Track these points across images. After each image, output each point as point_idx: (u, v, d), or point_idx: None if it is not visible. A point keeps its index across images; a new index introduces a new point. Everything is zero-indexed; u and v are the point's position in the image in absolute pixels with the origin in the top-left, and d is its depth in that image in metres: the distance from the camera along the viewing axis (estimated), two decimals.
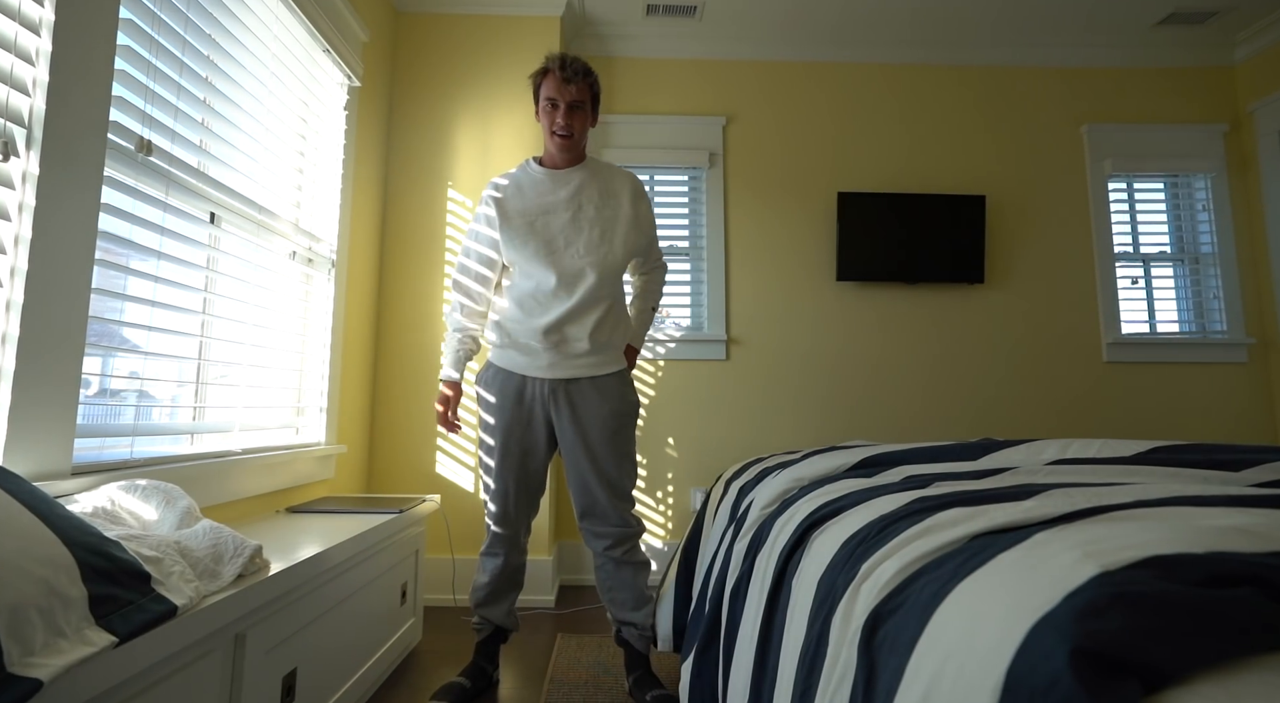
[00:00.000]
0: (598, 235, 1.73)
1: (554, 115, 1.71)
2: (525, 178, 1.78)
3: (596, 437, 1.73)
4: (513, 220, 1.73)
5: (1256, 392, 3.31)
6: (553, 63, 1.71)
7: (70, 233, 1.23)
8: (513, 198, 1.75)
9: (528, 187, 1.77)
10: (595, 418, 1.73)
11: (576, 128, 1.72)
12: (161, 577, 0.97)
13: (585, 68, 1.71)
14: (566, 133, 1.71)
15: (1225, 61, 3.45)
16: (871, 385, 3.30)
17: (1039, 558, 0.64)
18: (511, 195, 1.76)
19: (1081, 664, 0.48)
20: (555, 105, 1.71)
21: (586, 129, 1.75)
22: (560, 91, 1.69)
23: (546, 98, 1.71)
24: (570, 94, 1.69)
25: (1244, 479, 1.14)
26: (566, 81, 1.68)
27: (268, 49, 2.02)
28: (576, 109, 1.71)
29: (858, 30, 3.34)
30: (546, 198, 1.74)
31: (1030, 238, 3.39)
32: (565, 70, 1.68)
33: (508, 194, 1.76)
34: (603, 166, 1.82)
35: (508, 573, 1.85)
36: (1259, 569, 0.55)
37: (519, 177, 1.79)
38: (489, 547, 1.84)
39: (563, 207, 1.74)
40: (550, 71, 1.71)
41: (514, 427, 1.75)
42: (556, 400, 1.74)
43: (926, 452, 1.59)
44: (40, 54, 1.18)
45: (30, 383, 1.15)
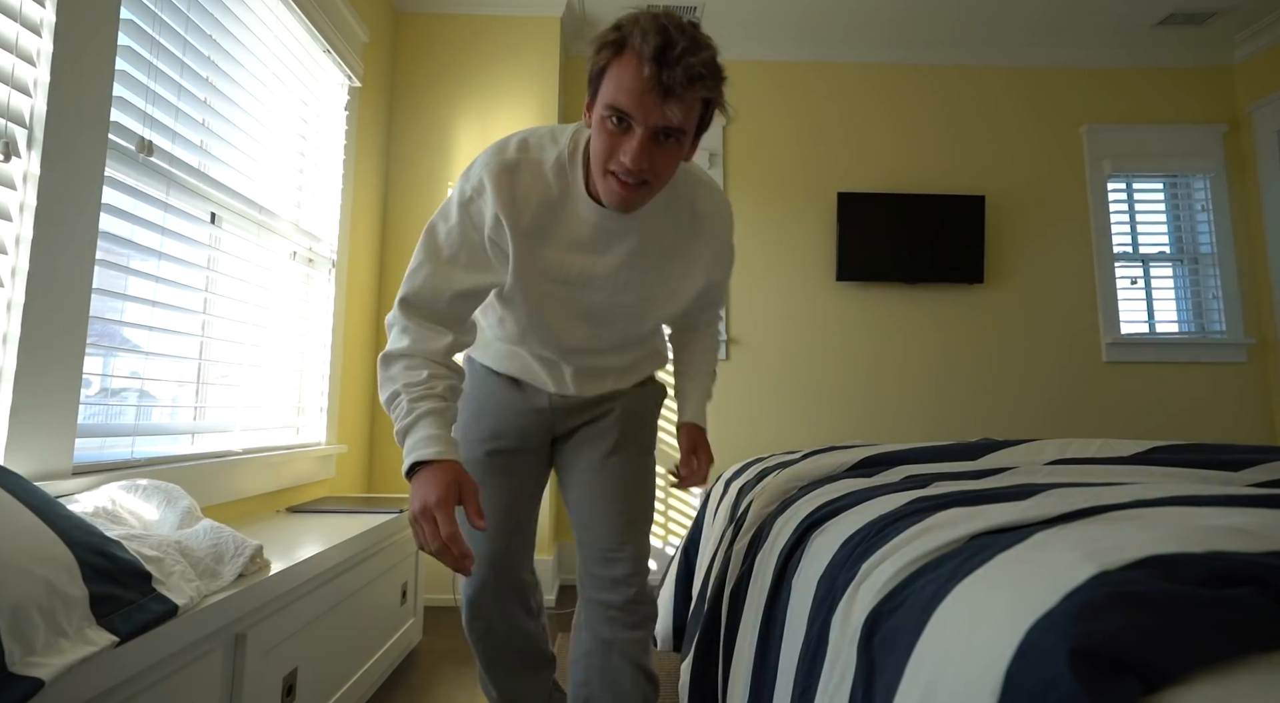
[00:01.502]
0: (638, 320, 1.18)
1: (621, 143, 0.92)
2: (562, 198, 1.05)
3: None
4: (524, 270, 1.08)
5: (1255, 392, 3.31)
6: (641, 39, 0.88)
7: (71, 233, 1.23)
8: (533, 227, 1.05)
9: (563, 218, 1.06)
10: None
11: (660, 170, 0.95)
12: (162, 576, 0.97)
13: (705, 66, 0.89)
14: (637, 179, 0.94)
15: (1224, 62, 3.46)
16: (871, 385, 3.30)
17: (1038, 558, 0.65)
18: (532, 220, 1.05)
19: (1080, 664, 0.48)
20: (626, 124, 0.91)
21: (675, 170, 0.99)
22: (646, 105, 0.89)
23: (611, 106, 0.91)
24: (663, 116, 0.90)
25: (1242, 479, 1.14)
26: (665, 90, 0.88)
27: (268, 49, 2.02)
28: (668, 140, 0.93)
29: (857, 31, 3.35)
30: (584, 255, 1.08)
31: (1030, 238, 3.39)
32: (667, 65, 0.87)
33: (526, 214, 1.04)
34: (684, 200, 1.11)
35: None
36: (1258, 569, 0.55)
37: (552, 188, 1.04)
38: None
39: (604, 280, 1.10)
40: (631, 54, 0.89)
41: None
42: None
43: (926, 452, 1.59)
44: (41, 55, 1.18)
45: (31, 383, 1.15)
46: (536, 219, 1.06)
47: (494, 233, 1.06)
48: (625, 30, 0.91)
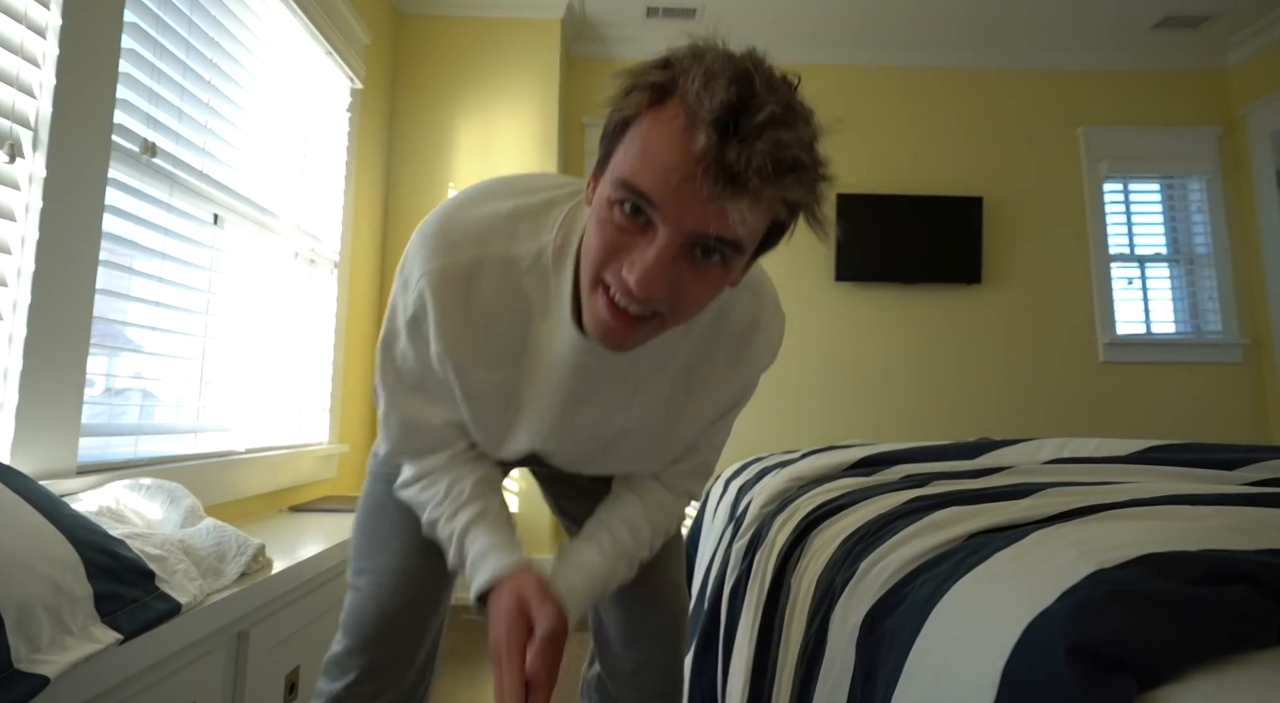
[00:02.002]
0: (625, 464, 0.89)
1: (630, 245, 0.59)
2: (537, 316, 0.73)
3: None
4: (477, 404, 0.78)
5: (1250, 391, 3.33)
6: (701, 87, 0.53)
7: (75, 234, 1.24)
8: (493, 355, 0.74)
9: (532, 347, 0.75)
10: None
11: (685, 301, 0.62)
12: (165, 575, 0.98)
13: (804, 149, 0.56)
14: (641, 309, 0.60)
15: (1219, 65, 3.47)
16: (870, 385, 3.31)
17: (1035, 557, 0.65)
18: (494, 350, 0.74)
19: (1077, 661, 0.48)
20: (645, 217, 0.57)
21: (710, 301, 0.65)
22: (684, 197, 0.54)
23: (627, 185, 0.56)
24: (712, 220, 0.55)
25: (1238, 478, 1.15)
26: (730, 176, 0.52)
27: (270, 51, 2.02)
28: (709, 258, 0.59)
29: (856, 33, 3.35)
30: (556, 402, 0.77)
31: (1027, 239, 3.40)
32: (739, 137, 0.52)
33: (481, 345, 0.73)
34: (736, 316, 0.78)
35: None
36: (1252, 567, 0.55)
37: (525, 300, 0.72)
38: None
39: (589, 431, 0.81)
40: (678, 108, 0.55)
41: None
42: None
43: (924, 451, 1.60)
44: (46, 58, 1.19)
45: (36, 383, 1.16)
46: (503, 346, 0.73)
47: (440, 368, 0.74)
48: (678, 68, 0.55)
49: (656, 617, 0.98)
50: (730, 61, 0.55)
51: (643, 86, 0.57)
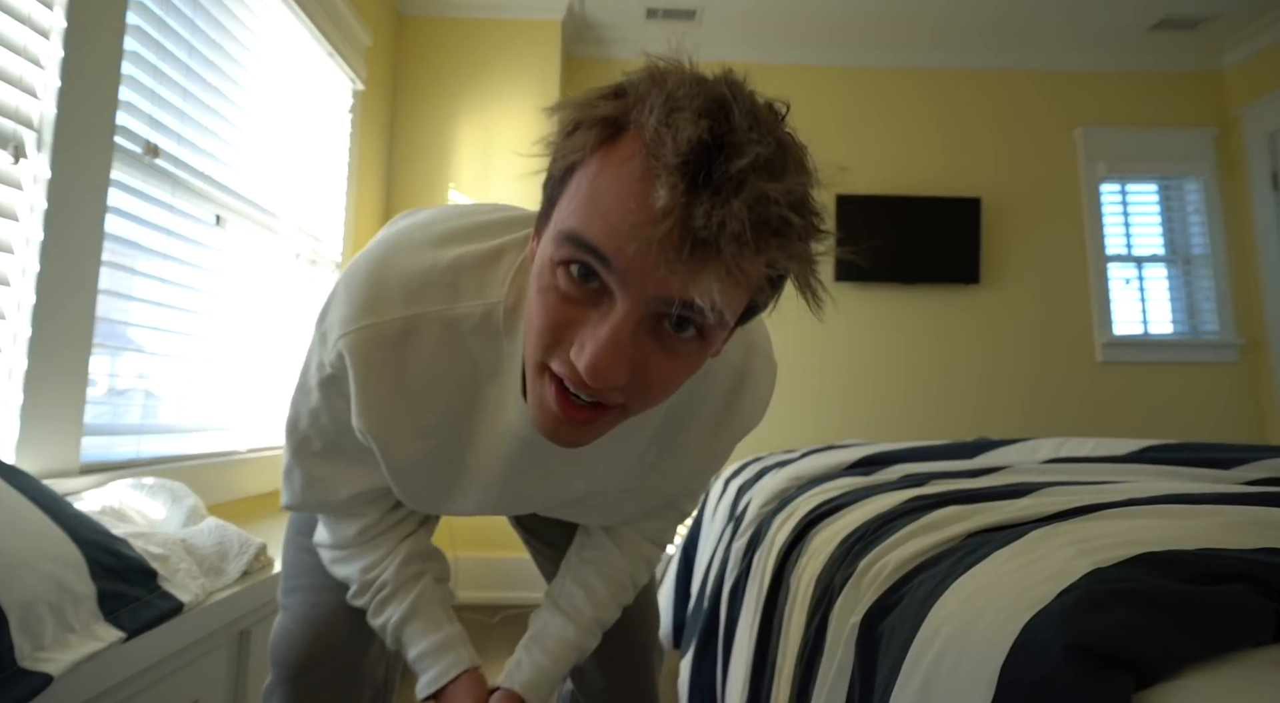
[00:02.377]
0: (591, 518, 0.81)
1: (580, 318, 0.47)
2: (484, 382, 0.63)
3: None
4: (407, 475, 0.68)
5: (1246, 391, 3.34)
6: (661, 118, 0.42)
7: (78, 234, 1.24)
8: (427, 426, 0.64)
9: (479, 419, 0.65)
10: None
11: (653, 384, 0.49)
12: (168, 574, 0.98)
13: (795, 205, 0.45)
14: (592, 398, 0.49)
15: (1215, 66, 3.48)
16: (869, 385, 3.31)
17: (1034, 555, 0.66)
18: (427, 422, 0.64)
19: (1075, 659, 0.49)
20: (597, 282, 0.46)
21: (680, 384, 0.52)
22: (646, 261, 0.43)
23: (574, 238, 0.45)
24: (681, 287, 0.43)
25: (1234, 477, 1.16)
26: (697, 241, 0.41)
27: (272, 53, 2.03)
28: (683, 332, 0.47)
29: (855, 34, 3.36)
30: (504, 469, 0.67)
31: (1025, 239, 3.41)
32: (711, 187, 0.41)
33: (412, 418, 0.63)
34: (726, 374, 0.69)
35: None
36: (1249, 566, 0.56)
37: (471, 366, 0.62)
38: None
39: (545, 497, 0.73)
40: (634, 144, 0.44)
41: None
42: None
43: (923, 451, 1.61)
44: (50, 60, 1.19)
45: (40, 382, 1.16)
46: (443, 413, 0.63)
47: (364, 438, 0.64)
48: (632, 96, 0.45)
49: (628, 633, 0.91)
50: (700, 87, 0.44)
51: (589, 122, 0.45)
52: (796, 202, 0.44)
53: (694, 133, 0.41)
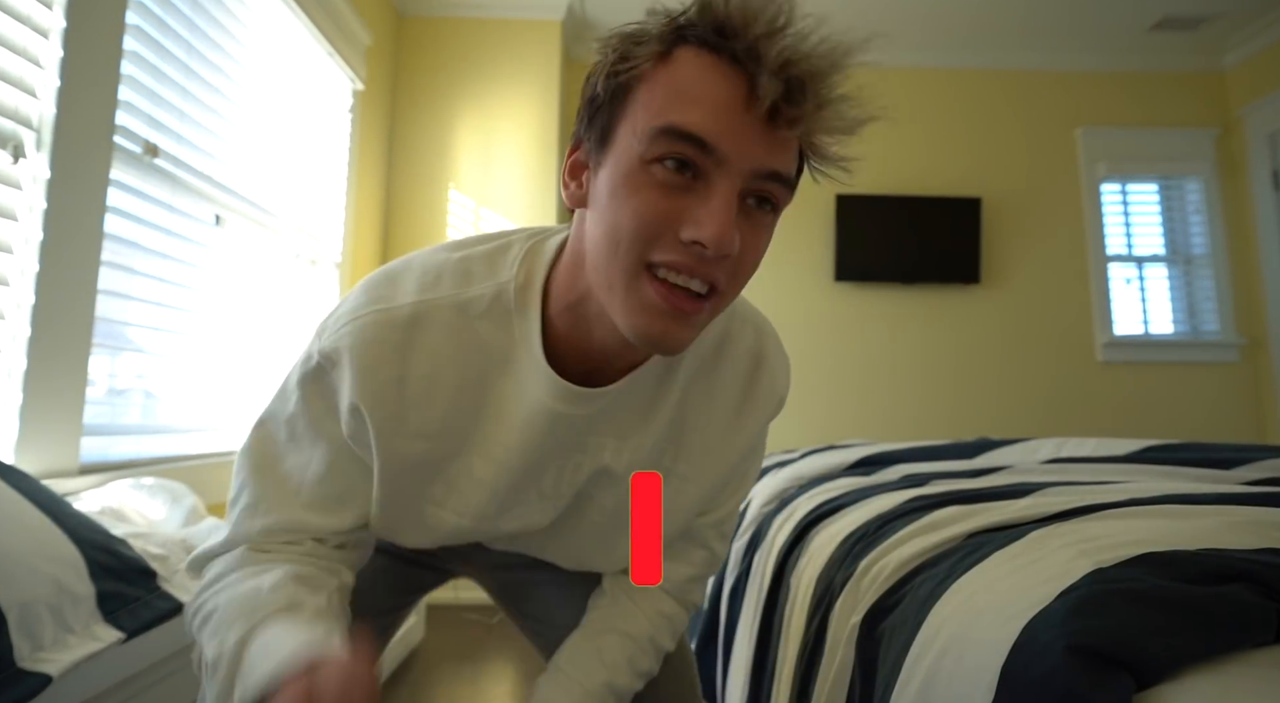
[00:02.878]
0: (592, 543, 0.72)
1: (686, 205, 0.49)
2: (498, 370, 0.61)
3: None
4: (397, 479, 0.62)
5: (1247, 391, 3.33)
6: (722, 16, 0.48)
7: (78, 234, 1.24)
8: (433, 429, 0.60)
9: (494, 409, 0.61)
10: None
11: (743, 268, 0.54)
12: (167, 574, 0.98)
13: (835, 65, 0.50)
14: (705, 282, 0.51)
15: (1216, 66, 3.48)
16: (869, 384, 3.31)
17: (1034, 555, 0.66)
18: (433, 419, 0.60)
19: (1076, 659, 0.49)
20: (692, 169, 0.49)
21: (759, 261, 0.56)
22: (743, 129, 0.48)
23: (673, 130, 0.48)
24: (770, 154, 0.50)
25: (1235, 478, 1.15)
26: (788, 97, 0.47)
27: (272, 53, 2.03)
28: (762, 208, 0.52)
29: (854, 34, 3.36)
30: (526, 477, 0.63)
31: (1025, 239, 3.41)
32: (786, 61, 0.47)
33: (420, 409, 0.59)
34: (741, 345, 0.69)
35: None
36: (1250, 566, 0.56)
37: (484, 353, 0.60)
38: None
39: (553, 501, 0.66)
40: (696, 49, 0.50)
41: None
42: None
43: (923, 451, 1.61)
44: (49, 59, 1.19)
45: (39, 382, 1.16)
46: (446, 412, 0.59)
47: (353, 429, 0.59)
48: (710, 16, 0.49)
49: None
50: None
51: (648, 39, 0.50)
52: (848, 59, 0.50)
53: (767, 14, 0.47)
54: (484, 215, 2.87)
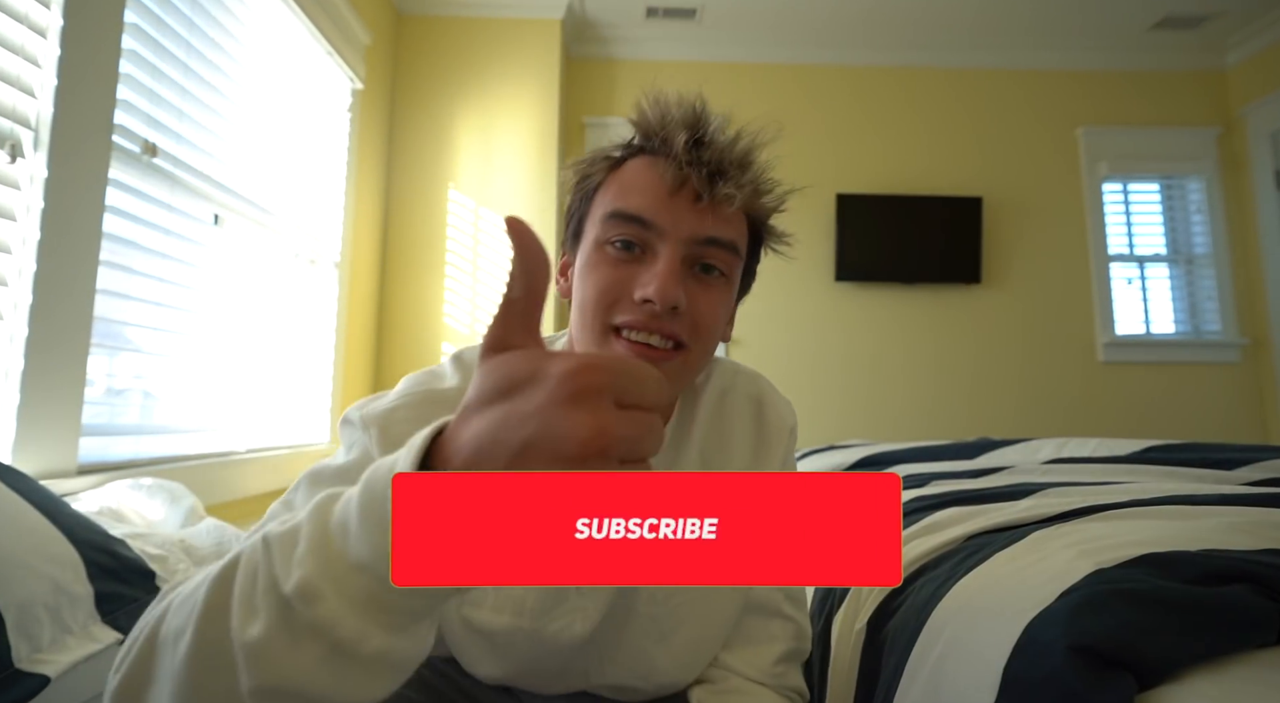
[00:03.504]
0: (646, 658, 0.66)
1: (635, 273, 0.58)
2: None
3: None
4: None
5: (1248, 391, 3.33)
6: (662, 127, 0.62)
7: (76, 234, 1.24)
8: None
9: None
10: None
11: (703, 321, 0.59)
12: (166, 575, 0.98)
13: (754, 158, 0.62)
14: (665, 336, 0.58)
15: (1217, 65, 3.47)
16: (869, 385, 3.31)
17: (1035, 556, 0.66)
18: None
19: (1077, 660, 0.49)
20: (635, 248, 0.59)
21: (719, 332, 0.62)
22: (675, 207, 0.59)
23: (619, 215, 0.59)
24: (702, 223, 0.59)
25: (1237, 478, 1.15)
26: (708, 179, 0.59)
27: (271, 52, 2.03)
28: (710, 274, 0.60)
29: (856, 33, 3.36)
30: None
31: (1026, 239, 3.41)
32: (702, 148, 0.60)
33: None
34: (742, 398, 0.73)
35: None
36: (1251, 567, 0.56)
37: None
38: None
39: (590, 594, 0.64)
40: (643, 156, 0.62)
41: None
42: None
43: (924, 451, 1.60)
44: (47, 58, 1.19)
45: (37, 383, 1.16)
46: None
47: None
48: (642, 128, 0.62)
49: None
50: (682, 103, 0.62)
51: (603, 155, 0.64)
52: (755, 147, 0.62)
53: (682, 115, 0.60)
54: (484, 215, 2.87)
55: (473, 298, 2.83)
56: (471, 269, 2.85)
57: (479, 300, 2.83)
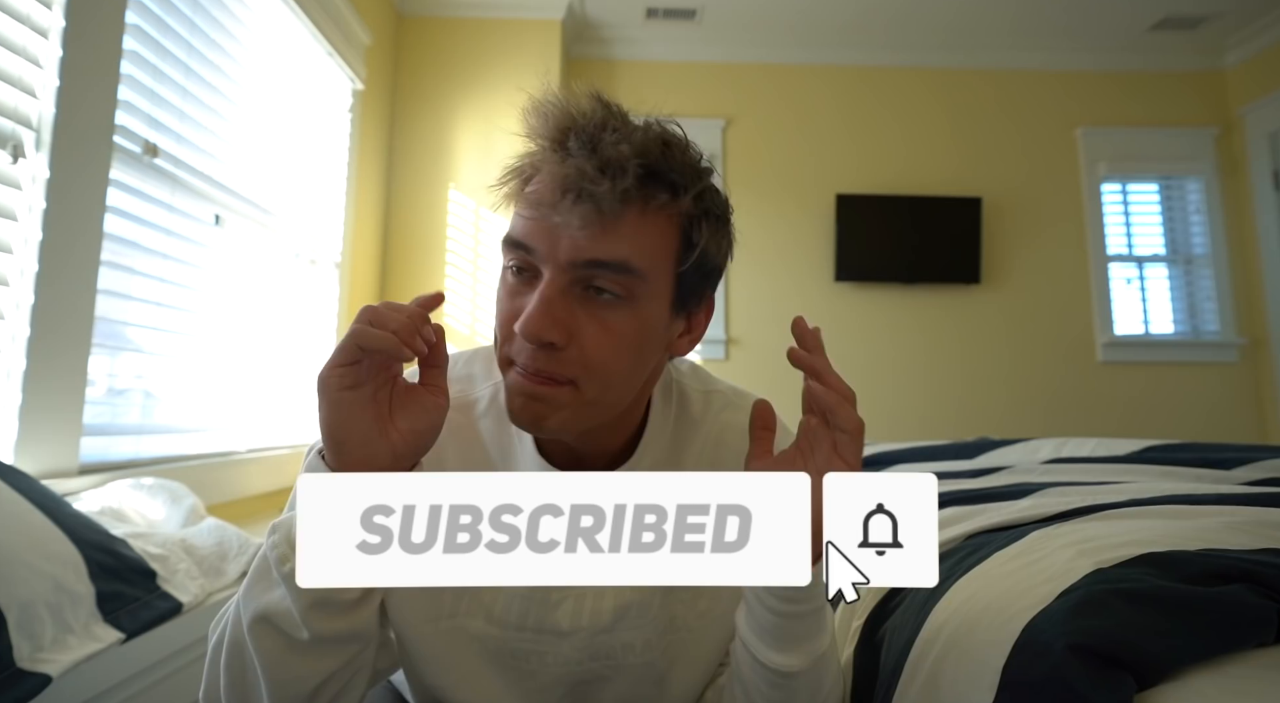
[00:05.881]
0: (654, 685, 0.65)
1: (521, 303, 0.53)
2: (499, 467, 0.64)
3: None
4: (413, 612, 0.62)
5: (1247, 391, 3.33)
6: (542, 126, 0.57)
7: (77, 234, 1.24)
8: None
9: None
10: None
11: (589, 346, 0.53)
12: (167, 574, 0.98)
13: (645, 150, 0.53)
14: (551, 372, 0.52)
15: (1216, 66, 3.48)
16: (869, 385, 3.31)
17: (1034, 556, 0.66)
18: None
19: (1077, 660, 0.49)
20: (528, 272, 0.55)
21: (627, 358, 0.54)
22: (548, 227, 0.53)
23: (507, 243, 0.56)
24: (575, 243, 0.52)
25: (1235, 478, 1.15)
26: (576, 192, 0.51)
27: (272, 53, 2.03)
28: (601, 295, 0.53)
29: (856, 34, 3.36)
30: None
31: (1025, 239, 3.41)
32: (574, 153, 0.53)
33: None
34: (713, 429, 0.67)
35: None
36: (1250, 566, 0.56)
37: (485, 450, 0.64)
38: None
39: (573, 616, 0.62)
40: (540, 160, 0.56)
41: None
42: None
43: (923, 451, 1.61)
44: (49, 59, 1.19)
45: (39, 382, 1.16)
46: None
47: None
48: (531, 131, 0.58)
49: None
50: (556, 107, 0.57)
51: (510, 170, 0.59)
52: (648, 148, 0.53)
53: (555, 124, 0.55)
54: (484, 215, 2.87)
55: (473, 298, 2.84)
56: (472, 269, 2.85)
57: (479, 300, 2.83)
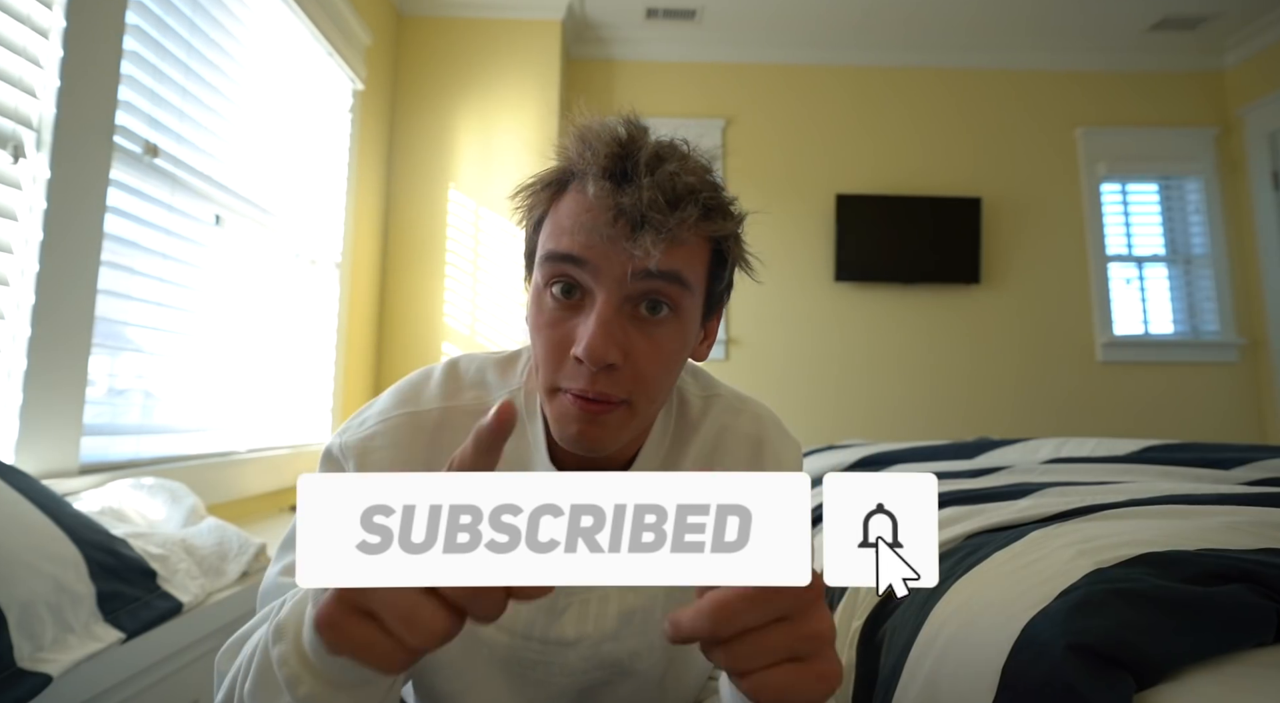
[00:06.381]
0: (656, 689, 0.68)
1: (574, 324, 0.54)
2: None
3: None
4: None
5: (1247, 391, 3.33)
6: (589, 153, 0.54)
7: (78, 234, 1.24)
8: None
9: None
10: None
11: (646, 366, 0.54)
12: (167, 574, 0.98)
13: (696, 177, 0.54)
14: (599, 391, 0.53)
15: (1216, 66, 3.48)
16: (869, 385, 3.31)
17: (1034, 556, 0.66)
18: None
19: (1076, 659, 0.49)
20: (576, 292, 0.55)
21: (675, 373, 0.58)
22: (606, 246, 0.52)
23: (552, 257, 0.55)
24: (635, 258, 0.52)
25: (1235, 478, 1.15)
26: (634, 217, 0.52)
27: (272, 53, 2.03)
28: (656, 312, 0.55)
29: (855, 34, 3.36)
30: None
31: (1025, 239, 3.41)
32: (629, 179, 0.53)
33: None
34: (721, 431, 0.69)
35: None
36: (1249, 566, 0.56)
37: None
38: None
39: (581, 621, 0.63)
40: (577, 184, 0.56)
41: None
42: None
43: (923, 451, 1.61)
44: (49, 59, 1.19)
45: (39, 382, 1.16)
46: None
47: None
48: (570, 153, 0.56)
49: None
50: (605, 125, 0.56)
51: (542, 185, 0.58)
52: (692, 170, 0.54)
53: (607, 150, 0.53)
54: (484, 215, 2.87)
55: (473, 298, 2.84)
56: (472, 269, 2.85)
57: (479, 301, 2.83)
